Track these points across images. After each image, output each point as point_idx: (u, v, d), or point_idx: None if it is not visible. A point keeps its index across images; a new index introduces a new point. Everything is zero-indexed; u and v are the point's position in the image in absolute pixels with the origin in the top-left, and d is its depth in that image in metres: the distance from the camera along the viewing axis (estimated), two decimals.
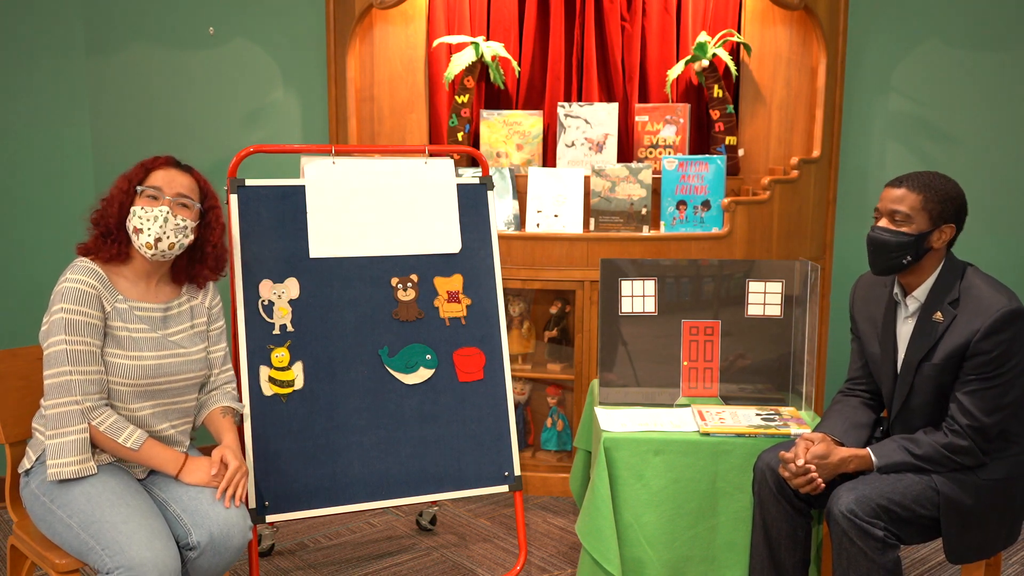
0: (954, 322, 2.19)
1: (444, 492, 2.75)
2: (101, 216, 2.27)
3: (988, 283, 2.21)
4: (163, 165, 2.29)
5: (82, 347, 2.12)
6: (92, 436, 2.12)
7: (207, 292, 2.41)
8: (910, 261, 2.22)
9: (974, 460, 2.18)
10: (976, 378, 2.16)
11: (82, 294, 2.14)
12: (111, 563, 1.98)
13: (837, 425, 2.35)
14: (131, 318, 2.21)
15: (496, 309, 2.87)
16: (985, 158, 3.69)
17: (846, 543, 2.13)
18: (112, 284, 2.21)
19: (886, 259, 2.24)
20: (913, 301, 2.29)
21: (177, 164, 2.32)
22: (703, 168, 3.41)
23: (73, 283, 2.15)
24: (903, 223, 2.21)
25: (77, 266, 2.20)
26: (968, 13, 3.63)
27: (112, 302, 2.19)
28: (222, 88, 3.70)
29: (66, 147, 3.51)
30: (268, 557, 3.03)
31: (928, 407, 2.26)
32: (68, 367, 2.10)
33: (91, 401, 2.12)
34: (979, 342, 2.14)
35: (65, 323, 2.11)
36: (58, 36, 3.44)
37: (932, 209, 2.19)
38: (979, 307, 2.16)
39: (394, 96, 3.77)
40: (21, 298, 3.49)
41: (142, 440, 2.16)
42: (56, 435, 2.11)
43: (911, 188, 2.21)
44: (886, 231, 2.22)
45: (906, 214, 2.20)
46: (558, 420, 3.61)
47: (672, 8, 3.68)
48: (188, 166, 2.34)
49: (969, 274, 2.25)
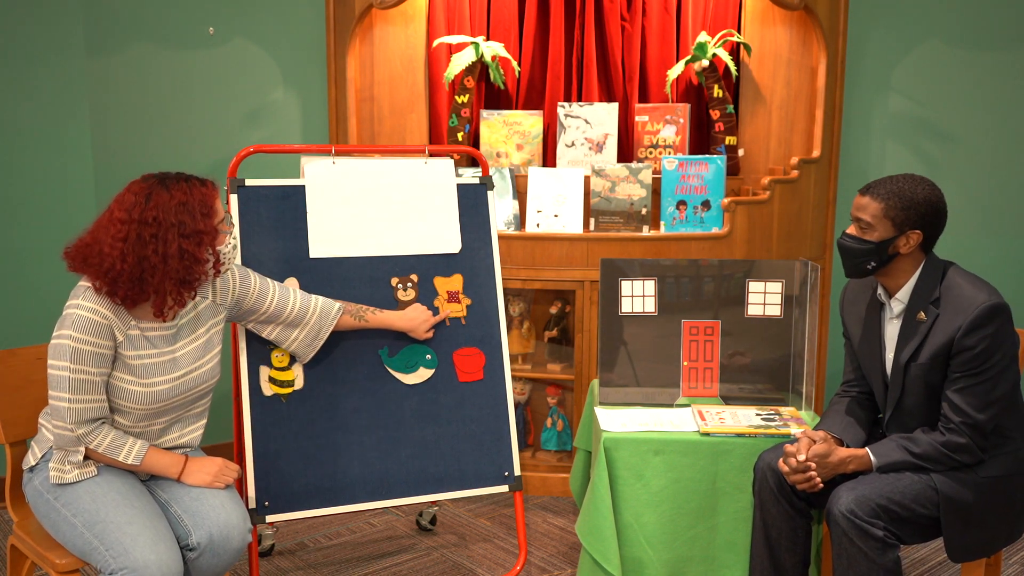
0: (937, 321, 2.21)
1: (444, 492, 2.75)
2: (139, 269, 2.04)
3: (968, 280, 2.23)
4: (212, 190, 2.15)
5: (84, 376, 2.05)
6: (90, 455, 2.11)
7: (214, 289, 2.31)
8: (875, 266, 2.27)
9: (972, 457, 2.19)
10: (963, 375, 2.17)
11: (94, 324, 2.05)
12: (115, 564, 1.98)
13: (837, 424, 2.36)
14: (143, 344, 2.14)
15: (496, 309, 2.87)
16: (985, 158, 3.69)
17: (846, 543, 2.14)
18: (126, 310, 2.12)
19: (852, 264, 2.30)
20: (897, 303, 2.31)
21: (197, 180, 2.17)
22: (703, 168, 3.41)
23: (86, 312, 2.04)
24: (866, 230, 2.25)
25: (90, 291, 2.07)
26: (968, 13, 3.63)
27: (124, 330, 2.11)
28: (222, 88, 3.70)
29: (66, 147, 3.50)
30: (268, 557, 3.03)
31: (921, 407, 2.27)
32: (68, 395, 2.04)
33: (84, 428, 2.07)
34: (962, 338, 2.15)
35: (72, 351, 2.03)
36: (58, 36, 3.44)
37: (895, 217, 2.22)
38: (960, 304, 2.18)
39: (394, 96, 3.77)
40: (21, 298, 3.49)
41: (142, 454, 2.14)
42: (57, 448, 2.11)
43: (874, 196, 2.24)
44: (851, 238, 2.29)
45: (868, 222, 2.24)
46: (558, 420, 3.61)
47: (672, 8, 3.68)
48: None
49: (950, 273, 2.26)
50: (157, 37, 3.59)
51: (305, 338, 2.54)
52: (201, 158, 3.66)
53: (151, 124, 3.63)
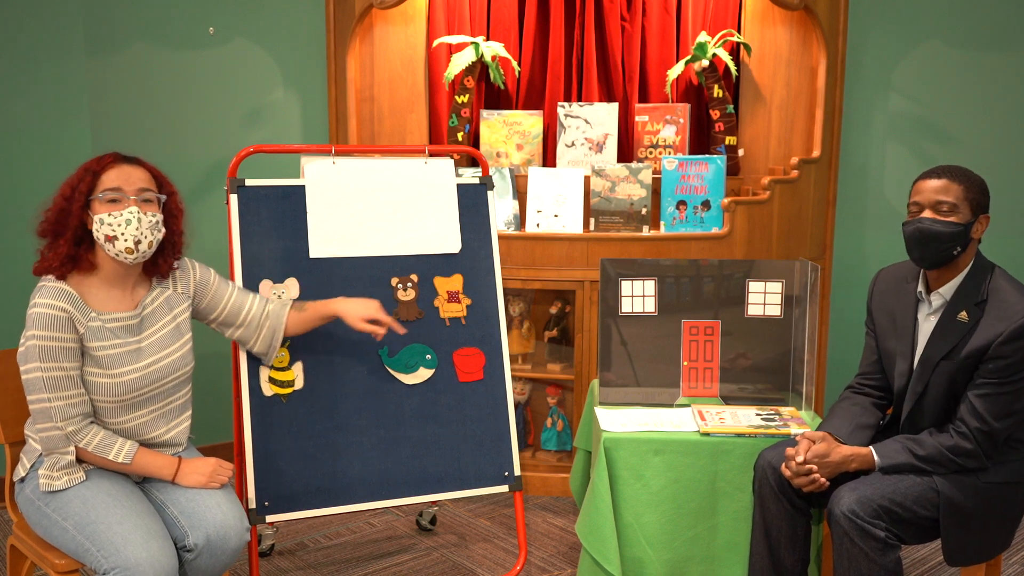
0: (979, 323, 2.18)
1: (444, 492, 2.75)
2: (52, 229, 2.15)
3: (1015, 287, 2.20)
4: (112, 164, 2.15)
5: (58, 372, 2.06)
6: (81, 455, 2.11)
7: (175, 279, 2.31)
8: (959, 252, 2.20)
9: (977, 463, 2.18)
10: (991, 381, 2.15)
11: (53, 319, 2.07)
12: (107, 564, 1.98)
13: (842, 425, 2.34)
14: (105, 335, 2.14)
15: (496, 309, 2.87)
16: (985, 158, 3.69)
17: (847, 543, 2.13)
18: (84, 301, 2.13)
19: (936, 251, 2.20)
20: (938, 298, 2.27)
21: (125, 158, 2.19)
22: (703, 168, 3.41)
23: (44, 308, 2.07)
24: (950, 213, 2.18)
25: (46, 288, 2.11)
26: (968, 13, 3.63)
27: (85, 322, 2.11)
28: (222, 88, 3.70)
29: (66, 147, 3.50)
30: (268, 557, 3.03)
31: (937, 406, 2.25)
32: (46, 394, 2.05)
33: (73, 424, 2.08)
34: (1000, 346, 2.13)
35: (39, 350, 2.05)
36: (58, 36, 3.44)
37: (973, 199, 2.18)
38: (1005, 311, 2.15)
39: (394, 96, 3.77)
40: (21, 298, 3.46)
41: (133, 452, 2.14)
42: (46, 454, 2.11)
43: (952, 179, 2.19)
44: (936, 222, 2.18)
45: (952, 204, 2.17)
46: (558, 420, 3.61)
47: (672, 8, 3.68)
48: (135, 158, 2.22)
49: (997, 275, 2.24)
50: (157, 37, 3.59)
51: (264, 340, 2.50)
52: (201, 158, 3.66)
53: (151, 124, 3.63)
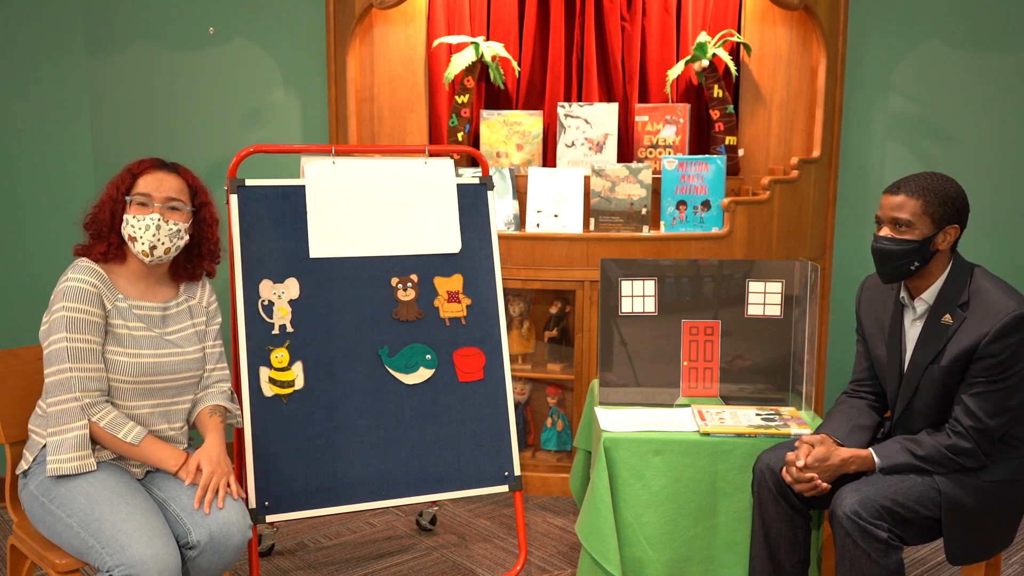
0: (963, 325, 2.18)
1: (444, 492, 2.75)
2: (93, 222, 2.29)
3: (997, 285, 2.20)
4: (149, 169, 2.27)
5: (83, 344, 2.13)
6: (92, 432, 2.13)
7: (204, 290, 2.41)
8: (918, 266, 2.21)
9: (976, 462, 2.18)
10: (982, 381, 2.15)
11: (83, 292, 2.16)
12: (111, 561, 1.98)
13: (840, 427, 2.34)
14: (130, 316, 2.23)
15: (496, 309, 2.87)
16: (985, 158, 3.69)
17: (849, 545, 2.13)
18: (112, 283, 2.23)
19: (893, 268, 2.22)
20: (921, 303, 2.28)
21: (163, 165, 2.30)
22: (703, 168, 3.41)
23: (75, 282, 2.17)
24: (906, 230, 2.18)
25: (78, 266, 2.22)
26: (968, 13, 3.63)
27: (112, 300, 2.21)
28: (222, 88, 3.70)
29: (66, 147, 3.51)
30: (268, 557, 3.03)
31: (930, 409, 2.25)
32: (69, 364, 2.12)
33: (91, 397, 2.13)
34: (987, 345, 2.13)
35: (67, 321, 2.13)
36: (58, 36, 3.44)
37: (933, 212, 2.18)
38: (989, 310, 2.15)
39: (394, 96, 3.77)
40: (21, 298, 3.49)
41: (142, 435, 2.17)
42: (56, 432, 2.12)
43: (909, 194, 2.19)
44: (890, 240, 2.20)
45: (907, 220, 2.18)
46: (558, 420, 3.61)
47: (672, 8, 3.68)
48: (175, 165, 2.32)
49: (978, 276, 2.23)
50: (157, 37, 3.59)
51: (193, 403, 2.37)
52: (201, 158, 3.66)
53: (151, 124, 3.63)
